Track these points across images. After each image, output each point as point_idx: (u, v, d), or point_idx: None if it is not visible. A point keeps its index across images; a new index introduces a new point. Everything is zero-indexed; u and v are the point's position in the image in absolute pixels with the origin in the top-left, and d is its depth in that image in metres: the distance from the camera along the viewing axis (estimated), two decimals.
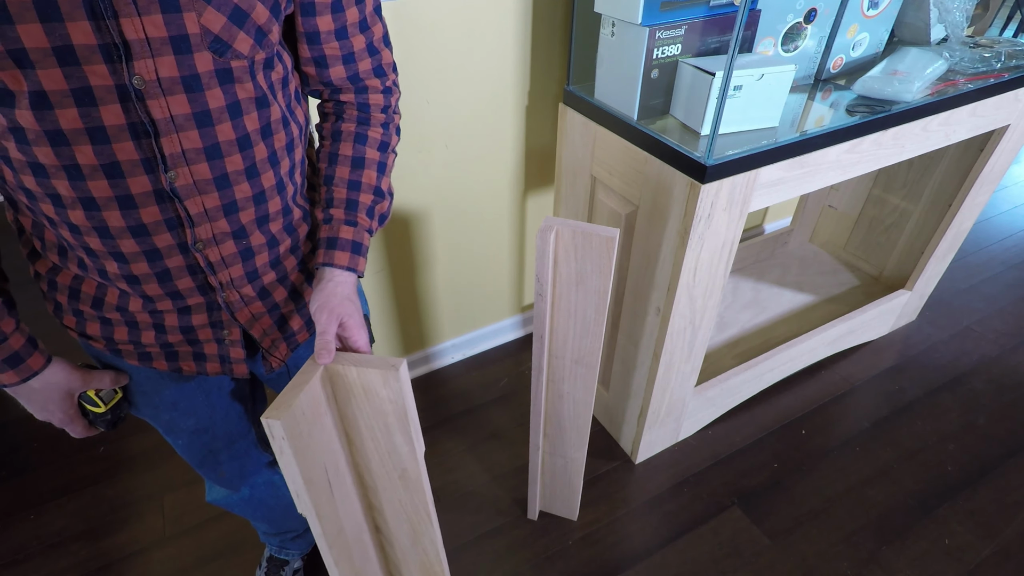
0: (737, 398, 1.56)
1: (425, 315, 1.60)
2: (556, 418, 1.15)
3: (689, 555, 1.27)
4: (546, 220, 0.88)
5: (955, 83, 1.24)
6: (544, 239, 0.86)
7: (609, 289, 0.91)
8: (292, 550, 1.19)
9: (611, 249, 0.86)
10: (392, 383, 0.63)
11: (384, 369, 0.62)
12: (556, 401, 1.12)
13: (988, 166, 1.50)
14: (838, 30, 1.14)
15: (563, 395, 1.10)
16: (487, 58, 1.25)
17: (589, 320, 0.96)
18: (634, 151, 1.09)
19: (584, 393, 1.08)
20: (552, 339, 1.02)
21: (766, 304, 1.80)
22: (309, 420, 0.62)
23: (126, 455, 1.49)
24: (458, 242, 1.50)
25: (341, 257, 0.66)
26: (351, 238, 0.67)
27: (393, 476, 0.74)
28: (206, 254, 0.60)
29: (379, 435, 0.70)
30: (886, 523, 1.33)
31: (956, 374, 1.71)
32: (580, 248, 0.88)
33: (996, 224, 2.36)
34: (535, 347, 1.01)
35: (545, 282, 0.91)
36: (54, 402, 0.67)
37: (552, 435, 1.19)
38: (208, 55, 0.51)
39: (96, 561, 1.26)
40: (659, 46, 0.99)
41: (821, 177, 1.14)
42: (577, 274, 0.91)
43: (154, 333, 0.67)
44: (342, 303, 0.64)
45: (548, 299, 0.94)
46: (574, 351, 1.02)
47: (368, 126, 0.71)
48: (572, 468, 1.23)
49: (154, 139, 0.52)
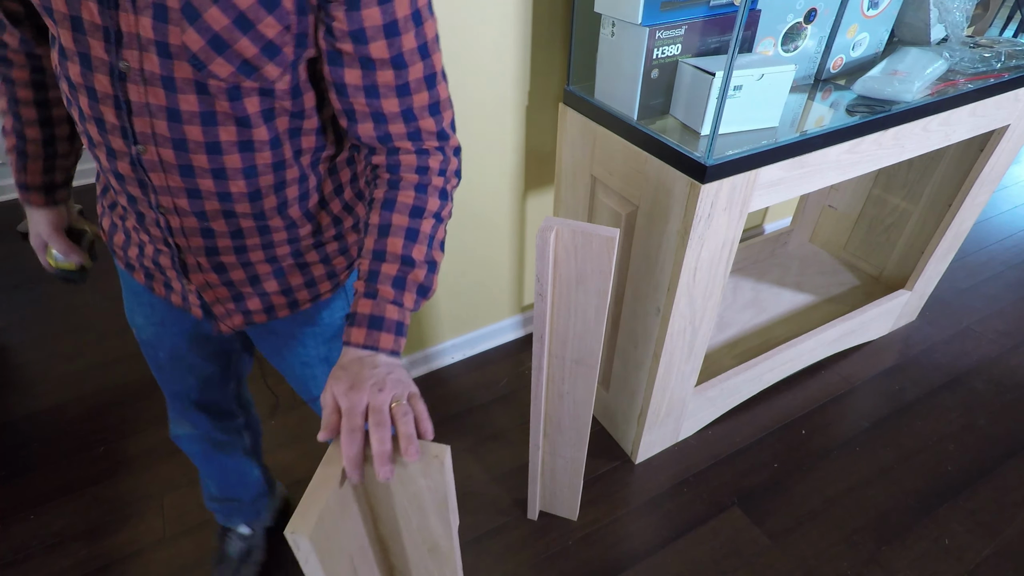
0: (737, 398, 1.56)
1: (425, 315, 1.60)
2: (556, 418, 1.15)
3: (689, 555, 1.27)
4: (546, 220, 0.88)
5: (955, 83, 1.24)
6: (544, 239, 0.86)
7: (609, 289, 0.91)
8: (237, 519, 1.20)
9: (611, 249, 0.86)
10: (435, 474, 0.56)
11: (426, 461, 0.54)
12: (556, 401, 1.12)
13: (988, 166, 1.50)
14: (838, 30, 1.14)
15: (563, 395, 1.10)
16: (487, 58, 1.25)
17: (589, 320, 0.96)
18: (634, 151, 1.09)
19: (584, 393, 1.08)
20: (552, 339, 1.02)
21: (766, 304, 1.80)
22: (335, 517, 0.54)
23: (126, 455, 1.49)
24: (458, 242, 1.50)
25: (357, 334, 0.59)
26: (369, 312, 0.60)
27: (422, 550, 0.68)
28: (168, 219, 0.65)
29: (412, 516, 0.63)
30: (886, 523, 1.33)
31: (956, 374, 1.71)
32: (580, 248, 0.88)
33: (996, 224, 2.36)
34: (535, 347, 1.01)
35: (545, 282, 0.91)
36: (32, 233, 0.82)
37: (552, 435, 1.19)
38: (187, 66, 0.54)
39: (96, 561, 1.26)
40: (659, 46, 0.99)
41: (821, 177, 1.14)
42: (577, 274, 0.91)
43: (137, 251, 0.74)
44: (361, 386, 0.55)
45: (548, 299, 0.94)
46: (574, 351, 1.02)
47: (398, 190, 0.64)
48: (572, 468, 1.23)
49: (127, 115, 0.57)
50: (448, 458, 0.55)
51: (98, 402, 1.64)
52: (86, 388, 1.69)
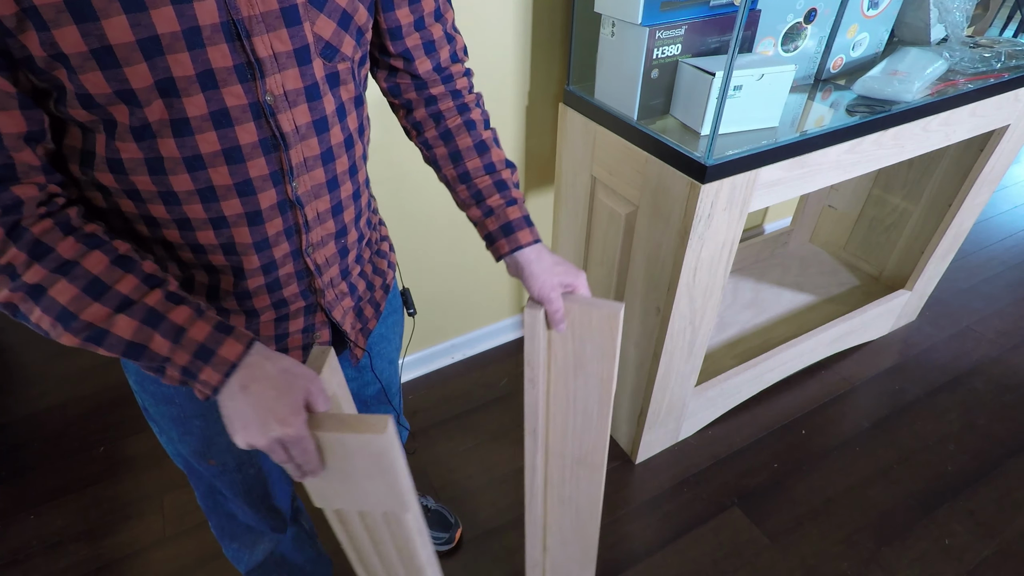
0: (737, 398, 1.56)
1: (425, 315, 1.59)
2: (557, 528, 0.95)
3: (689, 555, 1.27)
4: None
5: (955, 83, 1.24)
6: (534, 316, 0.70)
7: (614, 375, 0.74)
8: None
9: (615, 327, 0.70)
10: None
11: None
12: (556, 508, 0.92)
13: (988, 166, 1.50)
14: (838, 30, 1.14)
15: (564, 500, 0.90)
16: (487, 58, 1.25)
17: (592, 413, 0.78)
18: (634, 151, 1.09)
19: (589, 501, 0.88)
20: (549, 434, 0.84)
21: (766, 304, 1.80)
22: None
23: (126, 455, 1.49)
24: (458, 241, 1.50)
25: (525, 236, 0.68)
26: (521, 215, 0.68)
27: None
28: (315, 257, 0.62)
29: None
30: (886, 523, 1.33)
31: (956, 374, 1.71)
32: (577, 326, 0.72)
33: (996, 224, 2.36)
34: (527, 443, 0.82)
35: (536, 367, 0.73)
36: (279, 399, 0.49)
37: (553, 549, 0.99)
38: (320, 62, 0.53)
39: (96, 561, 1.26)
40: (659, 46, 0.99)
41: (821, 177, 1.14)
42: (575, 357, 0.75)
43: None
44: (552, 269, 0.67)
45: (540, 387, 0.76)
46: (575, 449, 0.83)
47: (469, 111, 0.71)
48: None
49: (285, 151, 0.53)
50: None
51: (98, 402, 1.64)
52: (86, 388, 1.69)
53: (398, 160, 1.28)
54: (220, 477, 0.77)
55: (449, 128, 0.70)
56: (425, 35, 0.65)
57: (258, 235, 0.56)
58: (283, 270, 0.60)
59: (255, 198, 0.54)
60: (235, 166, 0.51)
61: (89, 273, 0.47)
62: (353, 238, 0.67)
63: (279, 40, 0.48)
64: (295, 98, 0.52)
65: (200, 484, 0.81)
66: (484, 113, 0.73)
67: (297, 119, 0.52)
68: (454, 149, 0.70)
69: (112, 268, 0.48)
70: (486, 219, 0.69)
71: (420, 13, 0.64)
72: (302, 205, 0.57)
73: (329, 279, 0.65)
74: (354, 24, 0.55)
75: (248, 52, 0.47)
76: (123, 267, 0.48)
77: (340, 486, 0.60)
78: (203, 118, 0.47)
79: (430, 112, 0.71)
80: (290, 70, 0.50)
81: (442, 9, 0.66)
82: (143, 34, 0.42)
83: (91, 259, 0.47)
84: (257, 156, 0.52)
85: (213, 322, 0.50)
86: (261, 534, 0.89)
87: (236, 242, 0.55)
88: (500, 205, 0.68)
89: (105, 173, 0.49)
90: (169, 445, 0.76)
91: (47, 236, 0.46)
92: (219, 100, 0.47)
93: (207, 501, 0.83)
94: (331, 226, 0.62)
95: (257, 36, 0.47)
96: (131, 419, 1.58)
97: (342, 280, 0.68)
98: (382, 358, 0.87)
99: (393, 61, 0.67)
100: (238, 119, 0.49)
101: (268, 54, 0.48)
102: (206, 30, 0.44)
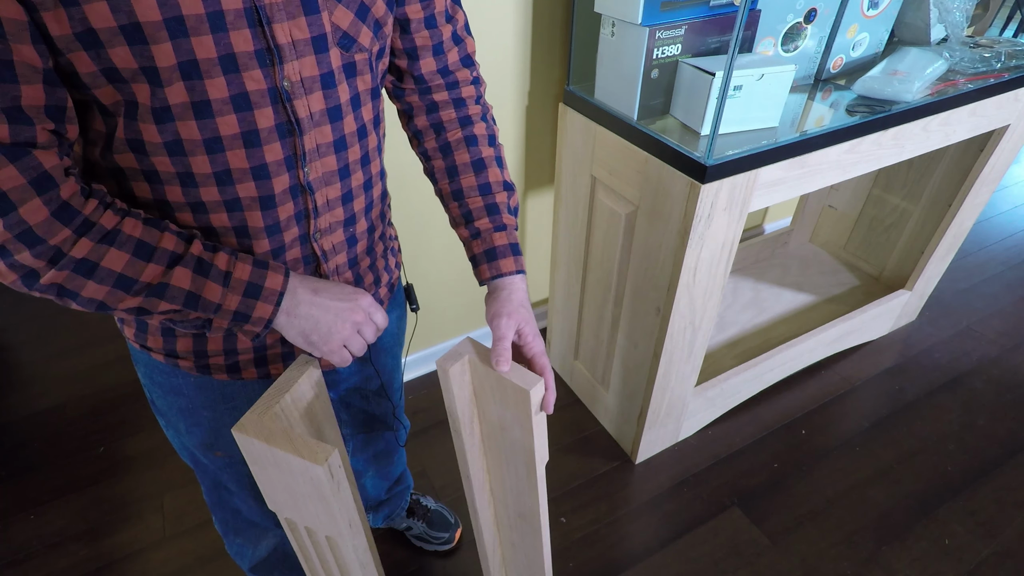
0: (737, 398, 1.56)
1: (426, 314, 1.59)
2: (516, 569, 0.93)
3: (689, 555, 1.27)
4: (458, 346, 0.65)
5: (955, 83, 1.24)
6: (444, 371, 0.62)
7: (536, 448, 0.65)
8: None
9: (526, 403, 0.60)
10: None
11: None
12: (510, 550, 0.90)
13: (988, 166, 1.50)
14: (838, 30, 1.14)
15: (515, 545, 0.88)
16: (487, 58, 1.25)
17: (521, 477, 0.72)
18: (634, 151, 1.09)
19: (532, 554, 0.84)
20: (492, 481, 0.78)
21: (766, 304, 1.80)
22: None
23: (126, 455, 1.49)
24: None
25: (507, 264, 0.67)
26: (507, 242, 0.67)
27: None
28: (322, 243, 0.63)
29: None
30: (886, 523, 1.33)
31: (956, 374, 1.71)
32: (498, 391, 0.63)
33: (996, 224, 2.36)
34: (465, 487, 0.77)
35: (457, 419, 0.67)
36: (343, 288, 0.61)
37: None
38: (337, 51, 0.54)
39: (96, 561, 1.26)
40: (659, 46, 0.99)
41: (821, 177, 1.14)
42: (499, 420, 0.67)
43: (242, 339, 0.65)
44: (518, 310, 0.65)
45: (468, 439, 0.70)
46: (515, 503, 0.78)
47: (471, 125, 0.70)
48: None
49: (299, 137, 0.54)
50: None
51: (98, 402, 1.64)
52: (86, 388, 1.69)
53: (399, 160, 1.28)
54: (227, 470, 0.77)
55: (449, 141, 0.70)
56: (435, 35, 0.65)
57: (270, 219, 0.57)
58: (290, 254, 0.61)
59: (269, 182, 0.54)
60: (252, 150, 0.52)
61: (132, 237, 0.49)
62: (362, 228, 0.67)
63: (298, 28, 0.50)
64: (311, 85, 0.53)
65: (206, 478, 0.81)
66: (490, 128, 0.72)
67: (312, 106, 0.53)
68: (451, 164, 0.69)
69: (149, 229, 0.50)
70: (472, 241, 0.68)
71: (431, 10, 0.64)
72: (313, 191, 0.58)
73: (335, 266, 0.65)
74: (371, 16, 0.56)
75: (268, 38, 0.48)
76: (156, 227, 0.51)
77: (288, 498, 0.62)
78: (224, 101, 0.49)
79: (431, 121, 0.70)
80: (307, 57, 0.51)
81: (451, 11, 0.66)
82: (169, 13, 0.44)
83: (128, 224, 0.49)
84: (273, 140, 0.53)
85: (250, 260, 0.55)
86: (265, 530, 0.89)
87: (248, 225, 0.56)
88: (488, 229, 0.68)
89: (125, 154, 0.51)
90: (176, 438, 0.76)
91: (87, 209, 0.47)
92: (239, 84, 0.49)
93: (212, 496, 0.84)
94: (340, 213, 0.62)
95: (278, 23, 0.48)
96: (131, 419, 1.58)
97: (348, 269, 0.68)
98: (384, 352, 0.87)
99: (397, 60, 0.67)
100: (257, 103, 0.50)
101: (287, 41, 0.49)
102: (229, 15, 0.46)
